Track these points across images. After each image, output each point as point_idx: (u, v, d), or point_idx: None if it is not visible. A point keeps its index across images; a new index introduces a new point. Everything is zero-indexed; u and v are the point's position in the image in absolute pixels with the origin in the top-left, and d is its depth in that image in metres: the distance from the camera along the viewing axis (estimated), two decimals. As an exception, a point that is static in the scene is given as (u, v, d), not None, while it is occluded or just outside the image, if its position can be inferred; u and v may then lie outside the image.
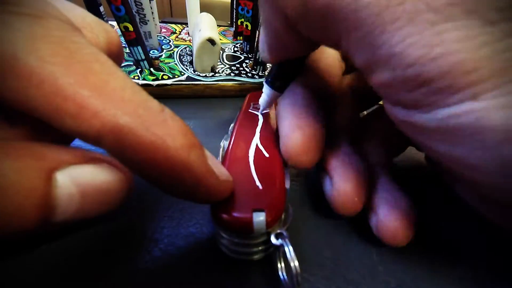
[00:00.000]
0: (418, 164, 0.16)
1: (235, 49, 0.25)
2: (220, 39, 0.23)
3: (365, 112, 0.17)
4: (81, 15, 0.10)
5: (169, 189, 0.08)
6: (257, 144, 0.12)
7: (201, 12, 0.22)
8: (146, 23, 0.21)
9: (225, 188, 0.09)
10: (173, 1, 0.65)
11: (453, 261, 0.12)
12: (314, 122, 0.11)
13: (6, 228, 0.07)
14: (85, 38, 0.09)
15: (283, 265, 0.09)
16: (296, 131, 0.11)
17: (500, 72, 0.06)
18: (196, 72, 0.21)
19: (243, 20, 0.25)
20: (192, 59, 0.22)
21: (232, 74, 0.22)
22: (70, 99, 0.07)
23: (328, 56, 0.14)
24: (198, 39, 0.19)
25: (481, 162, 0.06)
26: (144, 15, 0.20)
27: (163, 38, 0.24)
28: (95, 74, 0.08)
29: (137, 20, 0.20)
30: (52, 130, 0.08)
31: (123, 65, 0.20)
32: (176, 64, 0.21)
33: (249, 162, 0.11)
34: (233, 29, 0.27)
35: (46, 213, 0.08)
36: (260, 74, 0.22)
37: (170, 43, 0.24)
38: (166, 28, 0.26)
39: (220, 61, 0.23)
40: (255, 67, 0.22)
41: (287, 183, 0.11)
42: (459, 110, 0.06)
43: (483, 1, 0.06)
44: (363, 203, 0.11)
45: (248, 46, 0.24)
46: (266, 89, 0.14)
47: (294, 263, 0.08)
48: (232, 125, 0.14)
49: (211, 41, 0.19)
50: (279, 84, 0.13)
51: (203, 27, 0.19)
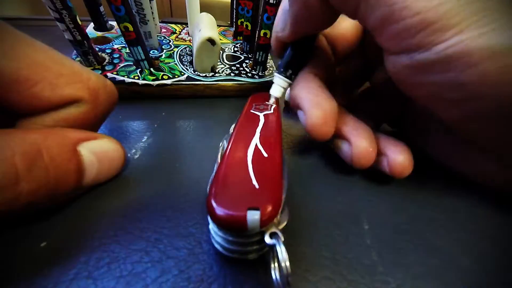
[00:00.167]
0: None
1: (235, 49, 0.25)
2: (220, 39, 0.23)
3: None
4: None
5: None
6: (256, 144, 0.12)
7: (201, 12, 0.22)
8: (146, 23, 0.21)
9: None
10: (173, 1, 0.65)
11: (453, 261, 0.12)
12: (329, 98, 0.14)
13: (59, 189, 0.10)
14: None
15: (276, 265, 0.09)
16: (316, 106, 0.13)
17: (473, 14, 0.08)
18: (196, 72, 0.21)
19: (243, 20, 0.25)
20: (192, 59, 0.22)
21: (232, 74, 0.22)
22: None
23: (324, 47, 0.17)
24: (198, 39, 0.19)
25: (468, 77, 0.09)
26: (144, 15, 0.20)
27: (163, 38, 0.24)
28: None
29: (137, 20, 0.20)
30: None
31: (123, 65, 0.20)
32: (176, 64, 0.21)
33: (247, 162, 0.11)
34: (233, 29, 0.27)
35: (80, 176, 0.11)
36: (260, 74, 0.22)
37: (170, 43, 0.24)
38: (166, 28, 0.26)
39: (220, 61, 0.23)
40: (255, 67, 0.22)
41: (285, 183, 0.11)
42: (451, 42, 0.09)
43: None
44: (376, 153, 0.14)
45: (248, 46, 0.24)
46: (277, 78, 0.16)
47: (286, 263, 0.08)
48: (233, 125, 0.14)
49: (211, 41, 0.19)
50: (290, 72, 0.16)
51: (203, 27, 0.19)
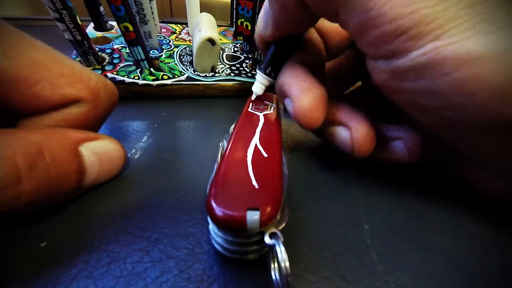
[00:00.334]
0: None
1: (235, 49, 0.25)
2: (220, 39, 0.23)
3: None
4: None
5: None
6: (256, 144, 0.12)
7: (201, 12, 0.22)
8: (146, 23, 0.21)
9: None
10: (173, 1, 0.65)
11: (453, 261, 0.12)
12: (318, 84, 0.13)
13: (60, 189, 0.10)
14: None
15: (276, 265, 0.09)
16: (305, 92, 0.13)
17: (449, 21, 0.08)
18: (196, 72, 0.21)
19: (243, 20, 0.25)
20: (192, 59, 0.22)
21: (232, 74, 0.22)
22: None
23: (315, 40, 0.16)
24: (198, 39, 0.19)
25: (442, 86, 0.09)
26: (144, 15, 0.20)
27: (163, 38, 0.24)
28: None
29: (137, 20, 0.20)
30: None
31: (123, 65, 0.20)
32: (176, 64, 0.21)
33: (247, 162, 0.11)
34: (233, 29, 0.27)
35: (81, 176, 0.11)
36: (260, 74, 0.22)
37: (170, 43, 0.24)
38: (166, 28, 0.26)
39: (220, 61, 0.23)
40: (255, 67, 0.22)
41: (285, 183, 0.11)
42: (425, 49, 0.09)
43: None
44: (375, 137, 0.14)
45: (248, 46, 0.24)
46: (258, 76, 0.16)
47: (285, 263, 0.08)
48: (233, 125, 0.14)
49: (211, 41, 0.19)
50: (270, 70, 0.15)
51: (203, 27, 0.19)
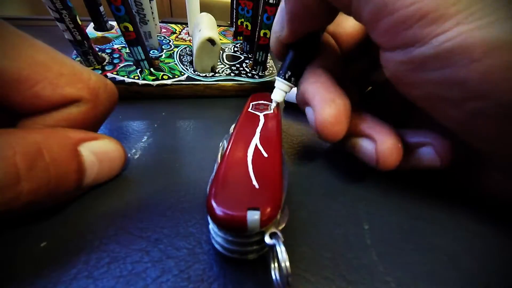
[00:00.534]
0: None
1: (235, 49, 0.25)
2: (220, 39, 0.23)
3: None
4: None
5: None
6: (256, 144, 0.12)
7: (201, 12, 0.22)
8: (146, 23, 0.21)
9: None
10: (173, 1, 0.65)
11: (453, 261, 0.12)
12: (342, 94, 0.13)
13: (60, 188, 0.10)
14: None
15: (276, 265, 0.09)
16: (329, 103, 0.12)
17: (471, 4, 0.08)
18: (196, 72, 0.21)
19: (243, 20, 0.25)
20: (192, 59, 0.22)
21: (232, 74, 0.22)
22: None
23: (332, 44, 0.16)
24: (198, 39, 0.19)
25: (470, 74, 0.08)
26: (144, 15, 0.20)
27: (163, 38, 0.24)
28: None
29: (137, 20, 0.20)
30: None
31: (123, 65, 0.20)
32: (176, 64, 0.21)
33: (247, 162, 0.11)
34: (233, 29, 0.27)
35: (80, 176, 0.11)
36: (260, 74, 0.22)
37: (170, 43, 0.24)
38: (166, 28, 0.26)
39: (220, 61, 0.23)
40: (255, 67, 0.22)
41: (285, 183, 0.11)
42: (451, 34, 0.08)
43: None
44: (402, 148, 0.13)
45: (248, 46, 0.24)
46: (278, 82, 0.15)
47: (285, 263, 0.08)
48: (233, 125, 0.14)
49: (211, 41, 0.19)
50: (290, 74, 0.15)
51: (203, 27, 0.19)
